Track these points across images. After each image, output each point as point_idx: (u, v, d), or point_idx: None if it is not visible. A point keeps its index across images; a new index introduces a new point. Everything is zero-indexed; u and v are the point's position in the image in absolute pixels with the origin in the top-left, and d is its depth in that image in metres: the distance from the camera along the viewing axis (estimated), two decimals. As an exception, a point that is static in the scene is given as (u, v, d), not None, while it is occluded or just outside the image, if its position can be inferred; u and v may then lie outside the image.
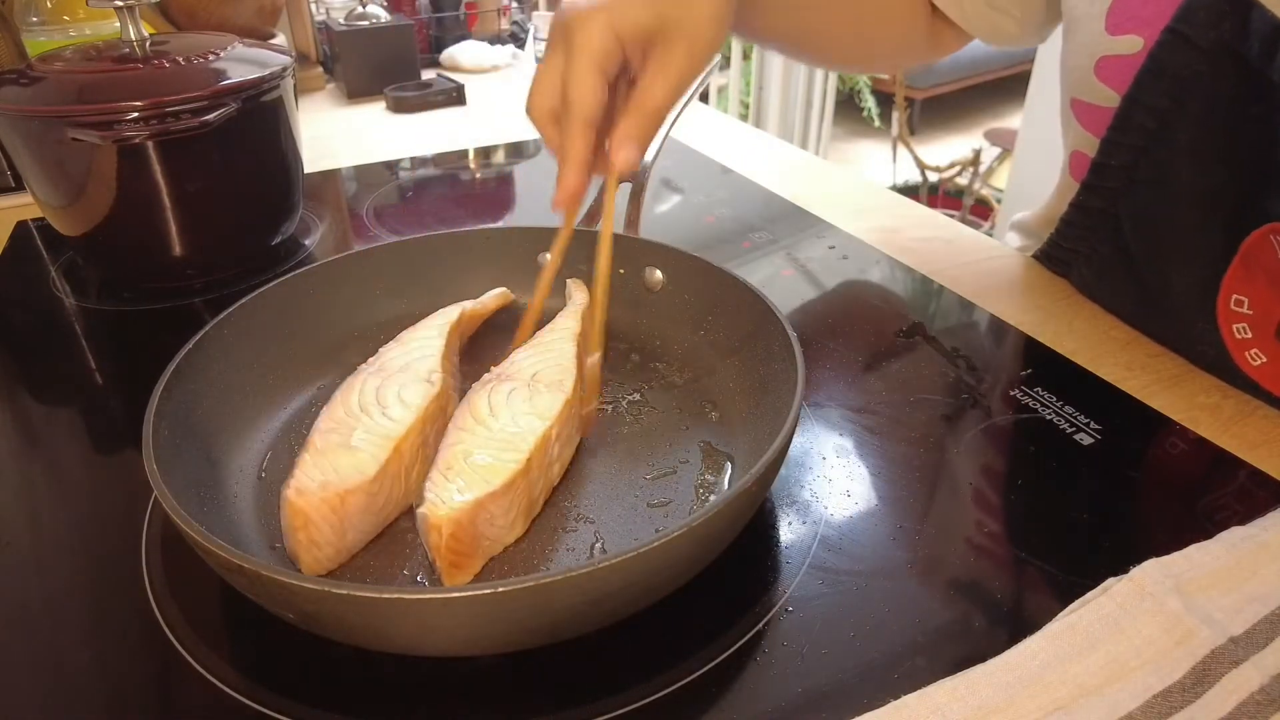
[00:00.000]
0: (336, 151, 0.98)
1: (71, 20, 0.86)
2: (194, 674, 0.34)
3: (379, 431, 0.40)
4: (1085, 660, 0.33)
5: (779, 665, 0.34)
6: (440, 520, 0.35)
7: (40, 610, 0.38)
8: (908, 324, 0.59)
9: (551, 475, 0.42)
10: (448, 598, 0.29)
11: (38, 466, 0.48)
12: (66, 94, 0.57)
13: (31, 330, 0.62)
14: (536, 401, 0.42)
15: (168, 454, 0.36)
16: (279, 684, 0.34)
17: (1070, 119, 0.58)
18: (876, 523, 0.41)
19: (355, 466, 0.38)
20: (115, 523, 0.42)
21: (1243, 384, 0.50)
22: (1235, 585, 0.35)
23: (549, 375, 0.44)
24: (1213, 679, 0.32)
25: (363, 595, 0.29)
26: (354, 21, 1.18)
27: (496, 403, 0.42)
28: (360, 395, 0.42)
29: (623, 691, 0.33)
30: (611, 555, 0.29)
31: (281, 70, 0.64)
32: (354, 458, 0.38)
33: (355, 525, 0.37)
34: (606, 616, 0.33)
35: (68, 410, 0.53)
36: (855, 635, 0.35)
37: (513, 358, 0.46)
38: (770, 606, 0.37)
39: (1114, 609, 0.34)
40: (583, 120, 0.43)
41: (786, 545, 0.40)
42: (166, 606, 0.37)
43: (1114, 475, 0.44)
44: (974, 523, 0.41)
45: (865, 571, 0.38)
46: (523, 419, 0.40)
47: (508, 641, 0.33)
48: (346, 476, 0.37)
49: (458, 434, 0.40)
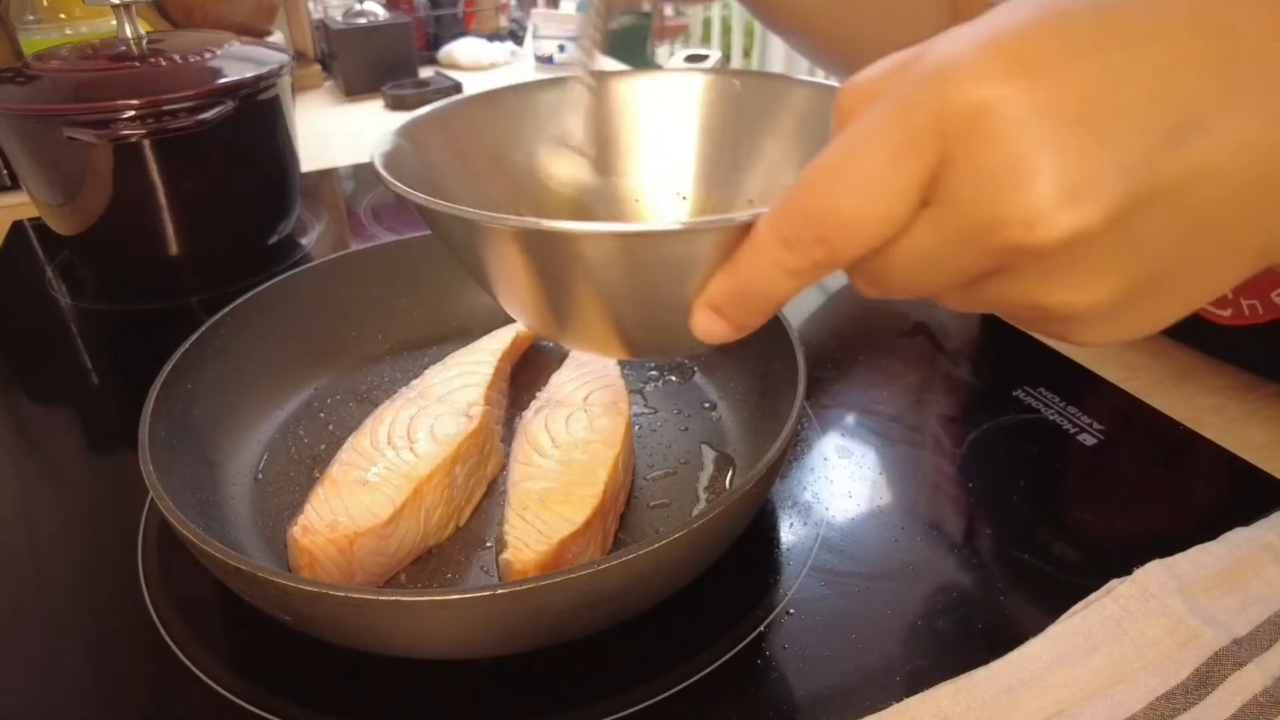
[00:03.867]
0: (334, 150, 0.97)
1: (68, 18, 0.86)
2: (190, 676, 0.34)
3: (400, 470, 0.38)
4: (1088, 662, 0.32)
5: (780, 668, 0.34)
6: (527, 567, 0.34)
7: (36, 611, 0.37)
8: (910, 324, 0.59)
9: (622, 497, 0.41)
10: (445, 600, 0.28)
11: (33, 467, 0.47)
12: (62, 92, 0.57)
13: (27, 330, 0.62)
14: (597, 426, 0.40)
15: (164, 455, 0.36)
16: (275, 686, 0.33)
17: None
18: (878, 524, 0.41)
19: (368, 508, 0.36)
20: (111, 524, 0.42)
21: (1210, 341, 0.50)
22: (1239, 586, 0.35)
23: (601, 396, 0.43)
24: (1216, 681, 0.32)
25: (359, 597, 0.28)
26: (351, 19, 1.17)
27: (556, 432, 0.40)
28: (391, 426, 0.40)
29: (623, 694, 0.33)
30: (610, 556, 0.29)
31: (278, 68, 0.64)
32: (369, 497, 0.36)
33: (364, 568, 0.36)
34: (606, 619, 0.33)
35: (64, 410, 0.52)
36: (857, 637, 0.35)
37: (554, 381, 0.45)
38: (771, 609, 0.36)
39: (1117, 610, 0.34)
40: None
41: (788, 547, 0.40)
42: (163, 608, 0.37)
43: (1117, 476, 0.44)
44: (976, 524, 0.41)
45: (867, 574, 0.38)
46: (590, 447, 0.39)
47: (506, 644, 0.32)
48: (358, 518, 0.35)
49: (523, 469, 0.39)
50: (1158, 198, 0.19)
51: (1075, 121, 0.18)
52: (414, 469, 0.38)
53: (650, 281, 0.26)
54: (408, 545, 0.37)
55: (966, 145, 0.19)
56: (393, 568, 0.37)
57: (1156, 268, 0.20)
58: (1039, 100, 0.18)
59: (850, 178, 0.20)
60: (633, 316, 0.28)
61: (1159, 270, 0.20)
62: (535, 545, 0.34)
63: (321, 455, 0.44)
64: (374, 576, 0.37)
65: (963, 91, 0.19)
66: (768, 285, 0.23)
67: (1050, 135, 0.18)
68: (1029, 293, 0.21)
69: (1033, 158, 0.18)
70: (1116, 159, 0.18)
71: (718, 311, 0.25)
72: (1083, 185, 0.18)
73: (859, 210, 0.20)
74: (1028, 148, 0.18)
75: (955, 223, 0.20)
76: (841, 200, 0.20)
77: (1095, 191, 0.18)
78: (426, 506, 0.38)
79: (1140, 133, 0.18)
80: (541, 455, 0.39)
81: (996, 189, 0.19)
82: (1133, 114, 0.18)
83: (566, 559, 0.35)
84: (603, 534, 0.38)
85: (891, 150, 0.20)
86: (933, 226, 0.20)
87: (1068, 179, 0.18)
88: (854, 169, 0.20)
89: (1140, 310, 0.21)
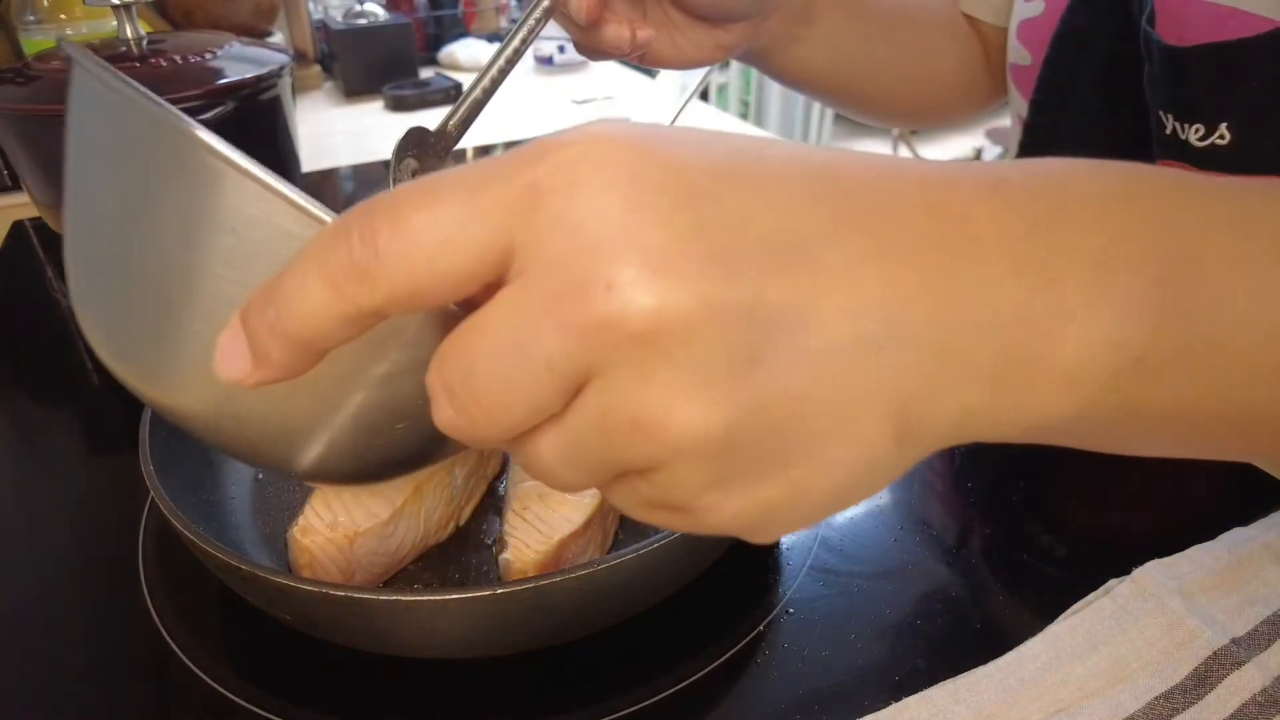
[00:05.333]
0: (334, 150, 0.97)
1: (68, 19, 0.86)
2: (191, 675, 0.34)
3: None
4: (1087, 662, 0.32)
5: (779, 667, 0.34)
6: (527, 566, 0.34)
7: (37, 611, 0.37)
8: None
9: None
10: (444, 600, 0.28)
11: (34, 467, 0.47)
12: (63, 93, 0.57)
13: (28, 330, 0.62)
14: None
15: (165, 455, 0.36)
16: (276, 686, 0.33)
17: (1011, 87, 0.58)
18: (877, 524, 0.41)
19: (368, 507, 0.36)
20: (112, 524, 0.42)
21: None
22: (1237, 586, 0.35)
23: None
24: (1214, 680, 0.32)
25: (359, 597, 0.28)
26: (352, 20, 1.18)
27: None
28: None
29: (623, 694, 0.33)
30: (610, 556, 0.29)
31: (279, 69, 0.64)
32: (369, 497, 0.36)
33: (365, 567, 0.36)
34: (606, 618, 0.33)
35: (64, 410, 0.52)
36: (856, 637, 0.35)
37: None
38: (771, 608, 0.36)
39: (1116, 610, 0.34)
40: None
41: (787, 546, 0.40)
42: (163, 608, 0.37)
43: (1115, 475, 0.44)
44: (975, 524, 0.41)
45: (866, 573, 0.38)
46: None
47: (506, 644, 0.32)
48: (358, 517, 0.35)
49: (522, 470, 0.38)
50: (761, 311, 0.17)
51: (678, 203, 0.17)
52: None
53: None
54: (408, 545, 0.37)
55: (540, 213, 0.17)
56: (393, 567, 0.37)
57: (777, 408, 0.17)
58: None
59: (429, 222, 0.17)
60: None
61: (780, 415, 0.17)
62: (535, 545, 0.34)
63: (322, 455, 0.44)
64: (374, 576, 0.37)
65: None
66: (299, 291, 0.18)
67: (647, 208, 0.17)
68: (628, 396, 0.17)
69: (618, 225, 0.16)
70: (715, 250, 0.17)
71: (243, 320, 0.18)
72: (671, 263, 0.16)
73: (430, 258, 0.17)
74: (614, 214, 0.17)
75: (537, 292, 0.17)
76: (417, 224, 0.17)
77: (685, 270, 0.16)
78: (427, 506, 0.38)
79: (752, 248, 0.17)
80: None
81: (577, 255, 0.17)
82: (744, 232, 0.17)
83: (567, 559, 0.35)
84: (603, 534, 0.38)
85: (473, 207, 0.17)
86: (512, 301, 0.17)
87: (656, 251, 0.16)
88: (440, 205, 0.17)
89: (769, 485, 0.18)
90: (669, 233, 0.16)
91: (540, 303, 0.17)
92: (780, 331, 0.17)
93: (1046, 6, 0.51)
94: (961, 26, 0.61)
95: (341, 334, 0.18)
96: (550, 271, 0.17)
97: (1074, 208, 0.20)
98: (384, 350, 0.22)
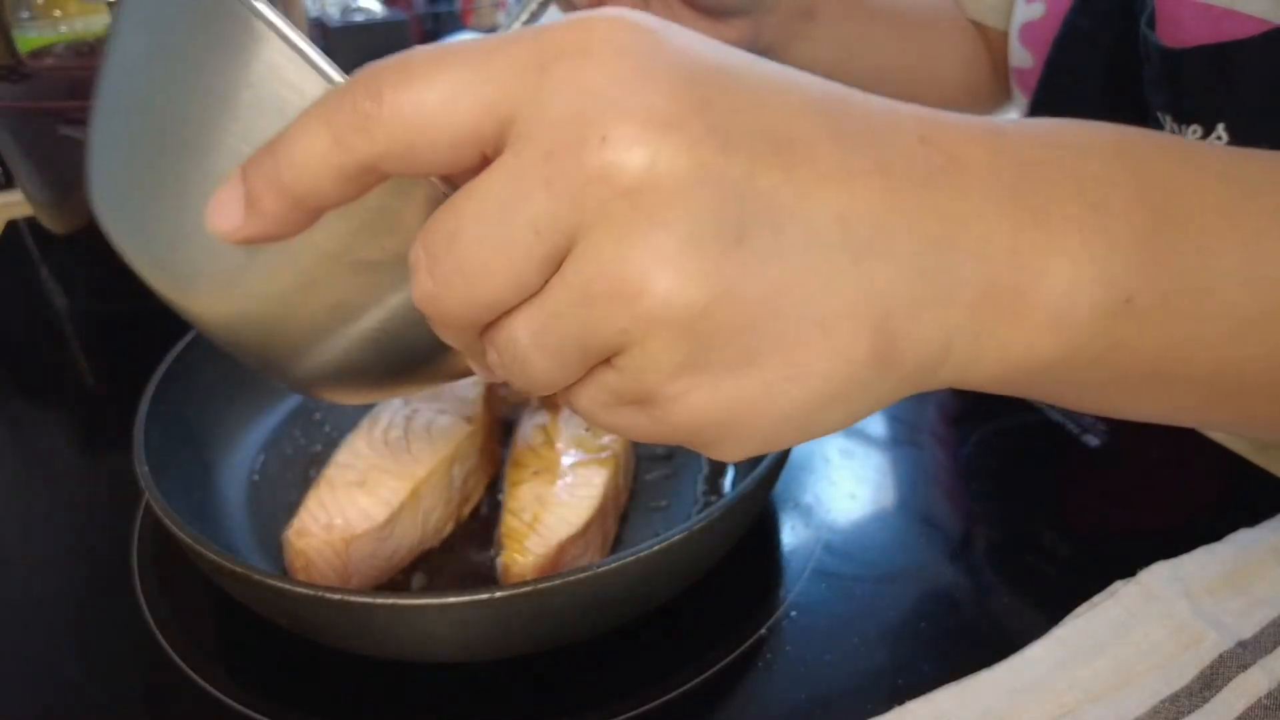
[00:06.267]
0: (332, 148, 0.97)
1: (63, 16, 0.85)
2: (185, 678, 0.34)
3: (397, 472, 0.37)
4: (1092, 665, 0.32)
5: (782, 671, 0.34)
6: (526, 569, 0.34)
7: (30, 614, 0.37)
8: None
9: (622, 498, 0.40)
10: (443, 603, 0.28)
11: (27, 468, 0.47)
12: (57, 90, 0.57)
13: (21, 330, 0.62)
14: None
15: (159, 456, 0.36)
16: (271, 690, 0.33)
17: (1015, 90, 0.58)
18: (881, 526, 0.41)
19: (365, 510, 0.36)
20: (106, 525, 0.42)
21: None
22: (1244, 588, 0.35)
23: None
24: (1221, 683, 0.31)
25: (355, 600, 0.28)
26: (348, 16, 1.17)
27: (555, 433, 0.40)
28: (388, 427, 0.40)
29: (623, 698, 0.33)
30: (610, 559, 0.29)
31: (275, 66, 0.64)
32: (365, 499, 0.36)
33: (361, 570, 0.36)
34: (606, 622, 0.33)
35: (58, 411, 0.52)
36: (859, 640, 0.35)
37: None
38: (773, 611, 0.36)
39: (1121, 612, 0.34)
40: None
41: (789, 549, 0.39)
42: (157, 610, 0.37)
43: (1121, 478, 0.44)
44: (979, 526, 0.41)
45: (869, 576, 0.38)
46: (589, 448, 0.39)
47: (506, 647, 0.32)
48: (354, 520, 0.35)
49: (522, 471, 0.38)
50: (752, 192, 0.17)
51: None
52: (411, 471, 0.37)
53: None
54: (405, 547, 0.37)
55: (549, 77, 0.17)
56: (390, 570, 0.37)
57: (756, 299, 0.17)
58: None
59: (437, 78, 0.17)
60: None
61: (758, 306, 0.17)
62: (534, 548, 0.34)
63: (318, 456, 0.44)
64: (371, 579, 0.36)
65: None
66: (300, 140, 0.18)
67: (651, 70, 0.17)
68: (610, 261, 0.17)
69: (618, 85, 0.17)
70: (715, 126, 0.17)
71: (243, 173, 0.19)
72: (671, 125, 0.16)
73: (432, 113, 0.17)
74: (610, 78, 0.17)
75: (532, 153, 0.17)
76: (419, 91, 0.17)
77: (683, 136, 0.16)
78: (424, 508, 0.37)
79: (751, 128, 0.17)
80: (539, 457, 0.39)
81: (579, 113, 0.17)
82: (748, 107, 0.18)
83: (566, 561, 0.35)
84: (602, 536, 0.38)
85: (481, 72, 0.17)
86: (506, 164, 0.17)
87: (659, 112, 0.16)
88: (451, 64, 0.17)
89: (740, 381, 0.18)
90: (673, 101, 0.17)
91: (533, 161, 0.17)
92: (769, 216, 0.17)
93: (1048, 9, 0.51)
94: (968, 29, 0.61)
95: (335, 191, 0.18)
96: (549, 130, 0.17)
97: (1067, 155, 0.20)
98: (376, 236, 0.21)
